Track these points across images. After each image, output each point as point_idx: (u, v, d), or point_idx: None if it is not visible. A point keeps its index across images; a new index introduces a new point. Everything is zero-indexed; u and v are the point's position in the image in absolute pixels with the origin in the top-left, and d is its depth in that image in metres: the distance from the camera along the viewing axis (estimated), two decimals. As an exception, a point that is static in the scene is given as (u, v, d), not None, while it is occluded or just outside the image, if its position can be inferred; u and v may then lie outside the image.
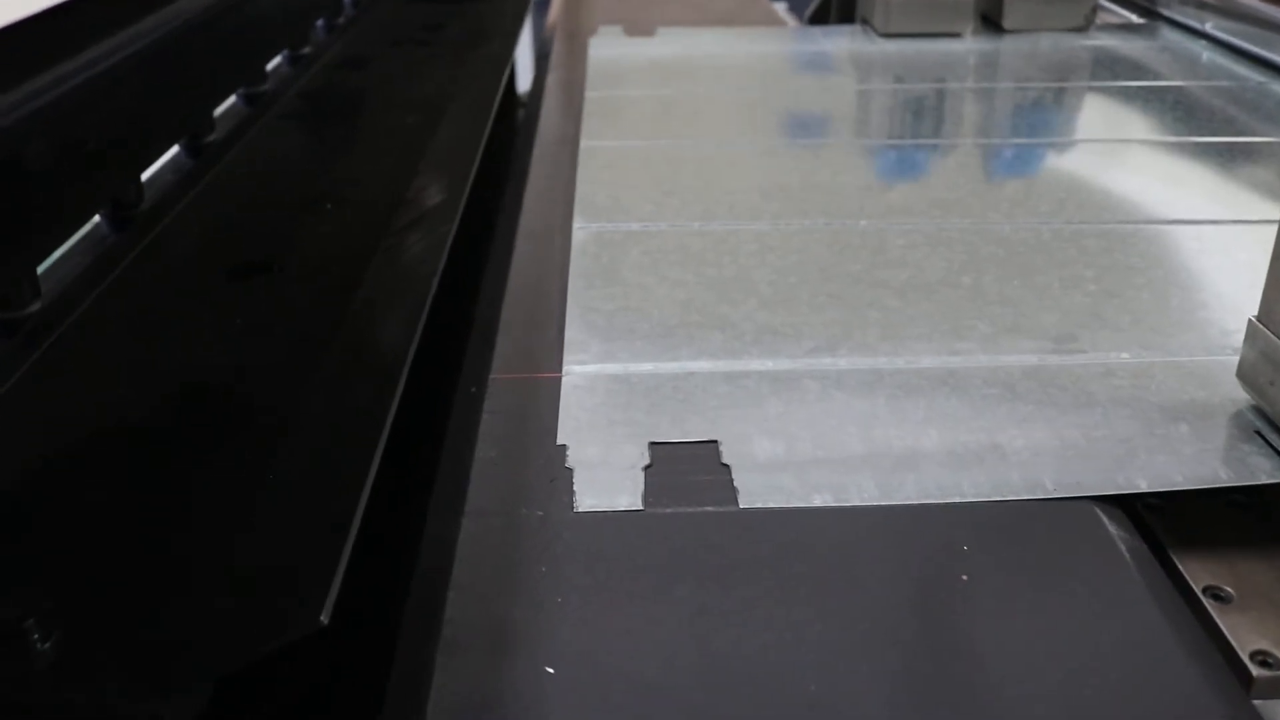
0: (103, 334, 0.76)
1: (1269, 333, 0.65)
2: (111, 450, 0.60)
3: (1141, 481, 0.65)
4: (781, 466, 0.66)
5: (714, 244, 0.98)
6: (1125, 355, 0.79)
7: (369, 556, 0.54)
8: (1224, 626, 0.58)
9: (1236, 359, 0.71)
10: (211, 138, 1.12)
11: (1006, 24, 1.64)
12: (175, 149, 1.08)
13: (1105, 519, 0.61)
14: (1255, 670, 0.55)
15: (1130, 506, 0.65)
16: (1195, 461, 0.66)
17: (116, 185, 0.93)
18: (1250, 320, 0.67)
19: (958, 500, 0.62)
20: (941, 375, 0.76)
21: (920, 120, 1.39)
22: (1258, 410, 0.68)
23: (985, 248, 0.97)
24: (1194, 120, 1.33)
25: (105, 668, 0.48)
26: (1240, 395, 0.70)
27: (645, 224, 1.03)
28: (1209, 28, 1.61)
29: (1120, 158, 1.25)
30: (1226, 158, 1.20)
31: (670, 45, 1.65)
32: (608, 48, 1.65)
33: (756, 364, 0.78)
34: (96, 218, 0.92)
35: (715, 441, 0.69)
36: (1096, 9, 1.68)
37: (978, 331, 0.83)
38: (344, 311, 0.76)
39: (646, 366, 0.78)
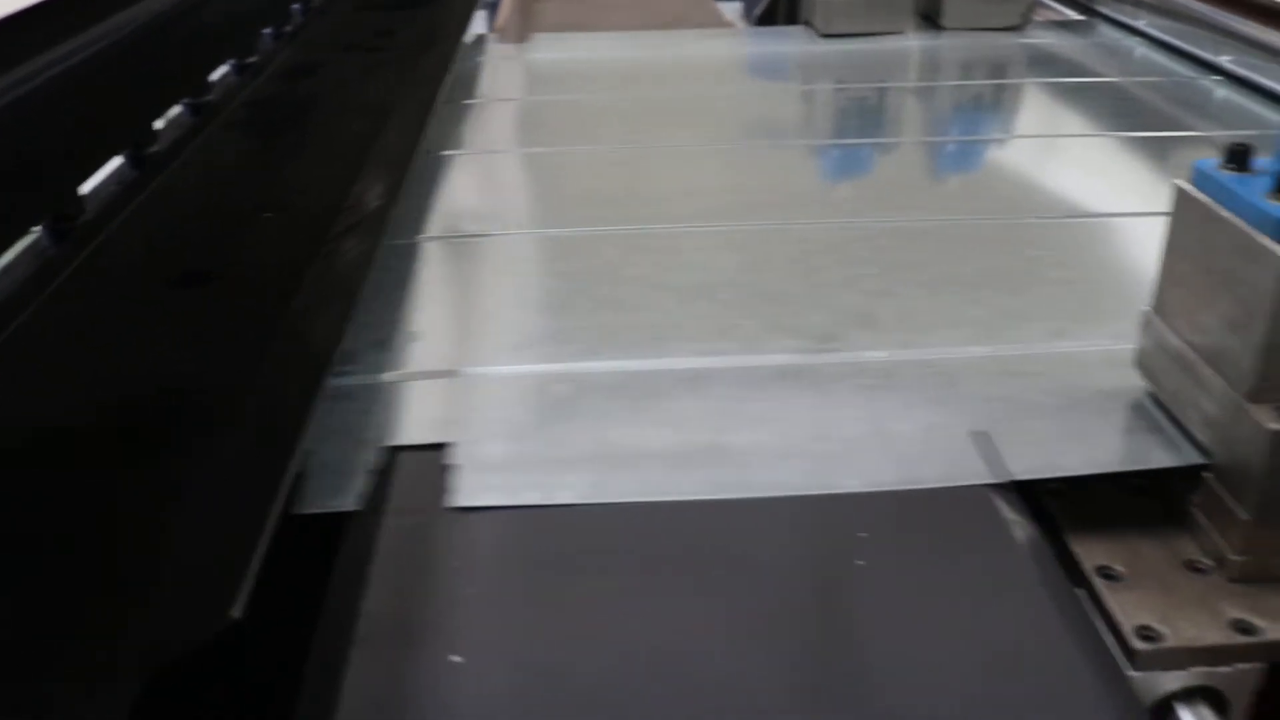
0: (39, 342, 0.77)
1: (1161, 323, 0.68)
2: (38, 453, 0.62)
3: (1027, 468, 0.67)
4: (507, 466, 0.68)
5: (534, 251, 1.00)
6: (1027, 346, 0.81)
7: (287, 555, 0.56)
8: (1112, 604, 0.60)
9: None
10: (155, 149, 1.14)
11: (945, 22, 1.67)
12: (119, 160, 1.09)
13: (1002, 505, 0.64)
14: (1138, 644, 0.58)
15: (1031, 493, 0.68)
16: (1092, 447, 0.69)
17: (56, 198, 0.94)
18: (1144, 311, 0.70)
19: (864, 490, 0.65)
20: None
21: (852, 119, 1.42)
22: (1154, 397, 0.70)
23: (899, 243, 1.00)
24: (1128, 115, 1.36)
25: (26, 668, 0.50)
26: (1141, 383, 0.73)
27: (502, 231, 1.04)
28: (1143, 25, 1.65)
29: (1056, 153, 1.28)
30: (1159, 151, 1.23)
31: (615, 49, 1.67)
32: (550, 51, 1.67)
33: (508, 369, 0.80)
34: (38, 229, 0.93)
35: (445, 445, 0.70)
36: (1034, 6, 1.71)
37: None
38: (275, 318, 0.78)
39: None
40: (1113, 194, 1.12)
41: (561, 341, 0.84)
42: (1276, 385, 0.60)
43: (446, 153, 1.24)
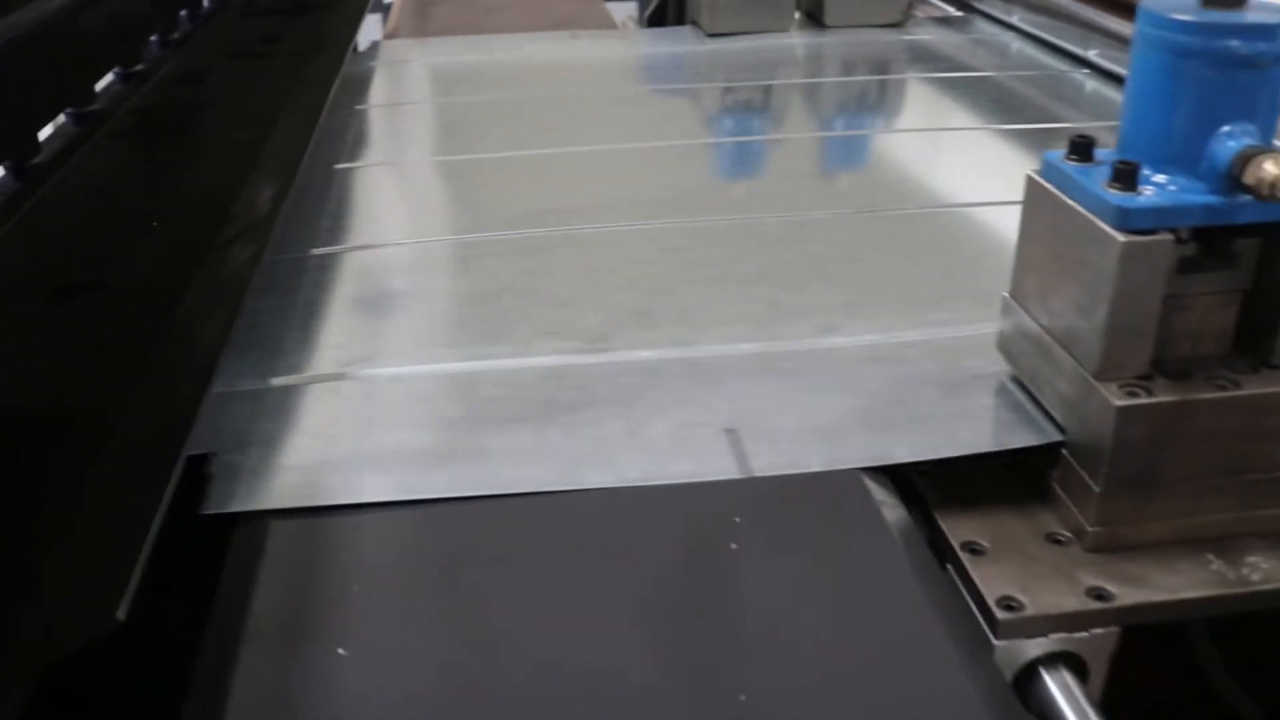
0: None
1: (1019, 307, 0.72)
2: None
3: (901, 452, 0.70)
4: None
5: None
6: (898, 333, 0.85)
7: (176, 557, 0.57)
8: (976, 577, 0.64)
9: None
10: (38, 159, 1.13)
11: (828, 20, 1.71)
12: (-1, 170, 1.08)
13: (872, 487, 0.67)
14: (1000, 614, 0.61)
15: (901, 475, 0.71)
16: (957, 429, 0.72)
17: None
18: (1004, 296, 0.73)
19: (738, 477, 0.67)
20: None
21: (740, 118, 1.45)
22: (1015, 379, 0.74)
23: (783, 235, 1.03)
24: (1004, 108, 1.41)
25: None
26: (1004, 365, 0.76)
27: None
28: (1016, 20, 1.70)
29: (938, 145, 1.32)
30: (1034, 143, 1.28)
31: (504, 53, 1.69)
32: (437, 55, 1.68)
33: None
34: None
35: None
36: (913, 4, 1.76)
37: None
38: (160, 325, 0.79)
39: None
40: (984, 184, 1.16)
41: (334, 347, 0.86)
42: (1121, 365, 0.63)
43: (340, 166, 1.25)
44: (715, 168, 1.27)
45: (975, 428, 0.72)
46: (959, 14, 1.85)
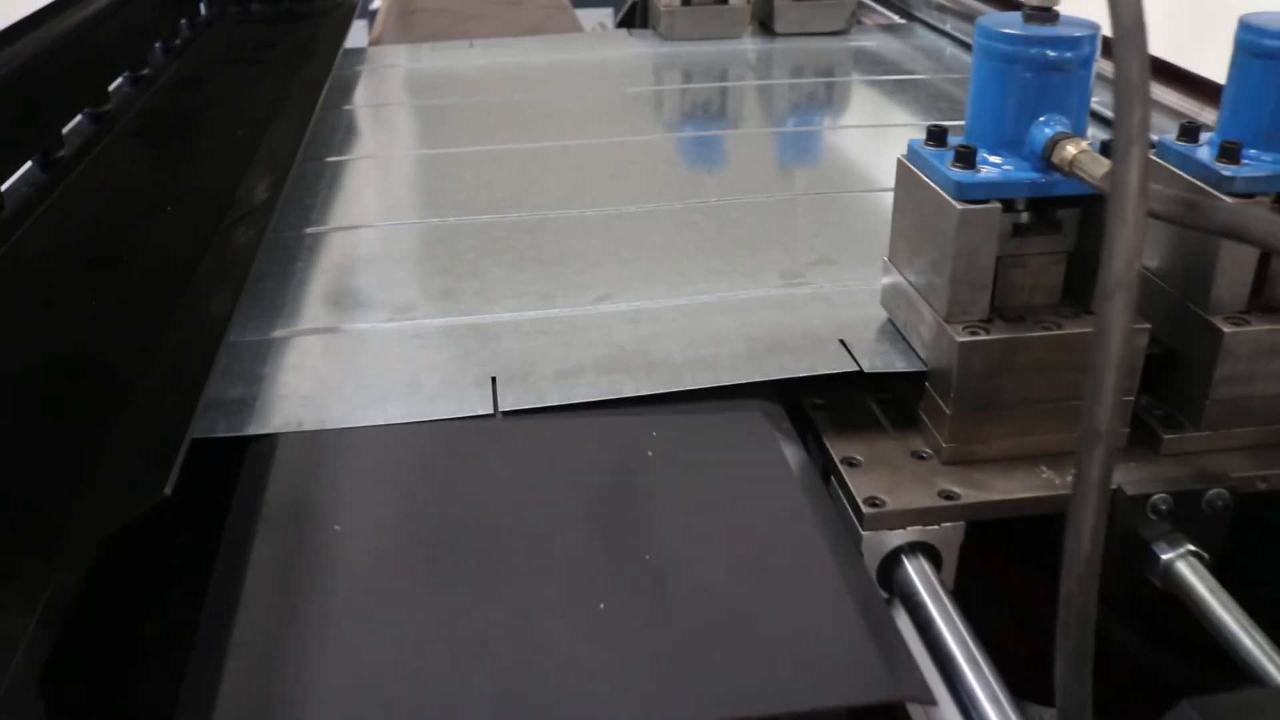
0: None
1: (895, 269, 0.87)
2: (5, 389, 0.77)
3: (805, 369, 0.85)
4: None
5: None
6: (832, 286, 1.00)
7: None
8: (850, 483, 0.78)
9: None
10: (61, 153, 1.27)
11: (778, 28, 1.86)
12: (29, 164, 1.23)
13: (765, 417, 0.82)
14: (866, 510, 0.76)
15: (798, 405, 0.86)
16: (842, 359, 0.87)
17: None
18: (884, 260, 0.88)
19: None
20: None
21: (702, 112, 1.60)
22: (894, 325, 0.89)
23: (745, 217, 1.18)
24: (939, 107, 1.56)
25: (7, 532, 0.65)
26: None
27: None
28: (950, 28, 1.85)
29: (878, 139, 1.48)
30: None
31: (482, 57, 1.83)
32: (421, 60, 1.82)
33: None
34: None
35: None
36: (856, 14, 1.91)
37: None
38: (180, 289, 0.94)
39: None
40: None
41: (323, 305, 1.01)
42: (966, 310, 0.78)
43: (331, 159, 1.39)
44: (673, 160, 1.42)
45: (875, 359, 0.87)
46: (901, 22, 2.01)
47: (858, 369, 0.85)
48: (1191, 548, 0.75)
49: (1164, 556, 0.75)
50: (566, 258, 1.09)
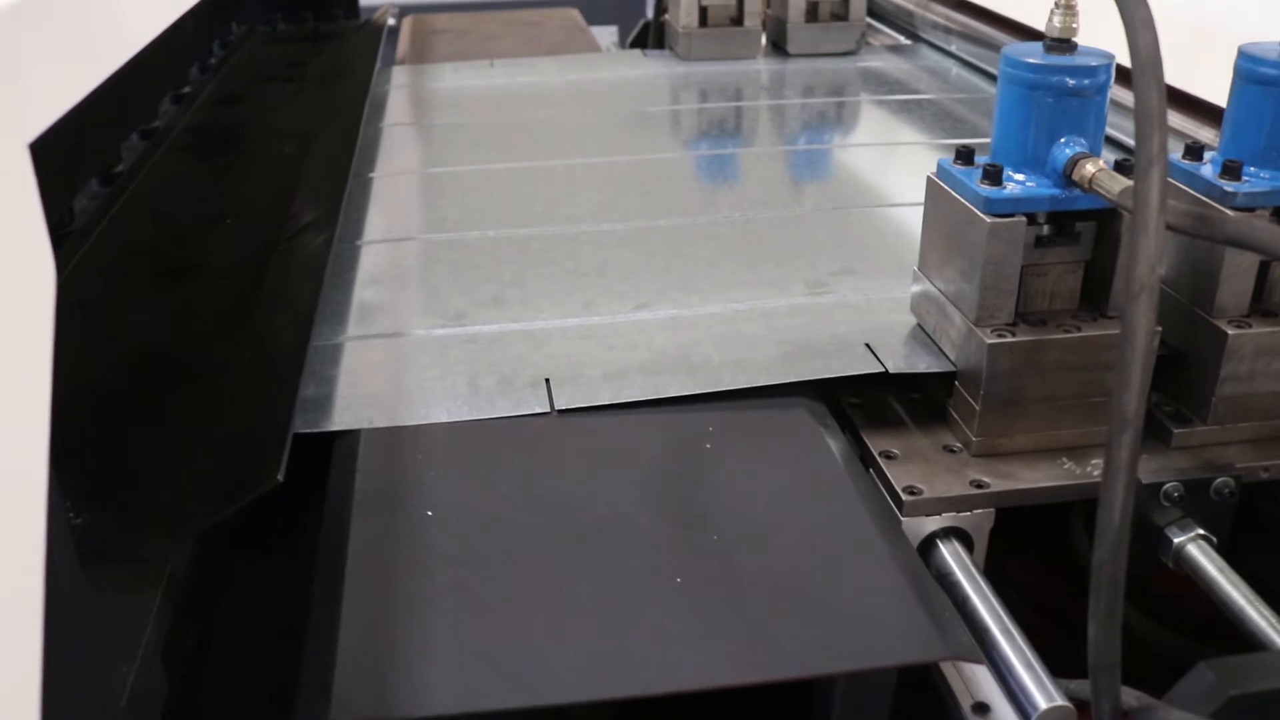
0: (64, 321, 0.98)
1: (925, 277, 0.94)
2: (110, 387, 0.84)
3: (835, 370, 0.92)
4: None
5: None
6: (855, 294, 1.07)
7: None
8: (889, 474, 0.85)
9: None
10: (119, 168, 1.34)
11: (791, 49, 1.93)
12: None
13: (810, 414, 0.89)
14: (905, 498, 0.83)
15: (835, 404, 0.93)
16: (868, 361, 0.94)
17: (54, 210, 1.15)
18: (914, 270, 0.96)
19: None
20: None
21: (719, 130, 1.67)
22: (923, 330, 0.96)
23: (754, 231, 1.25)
24: (945, 125, 1.63)
25: (125, 523, 0.72)
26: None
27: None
28: (955, 49, 1.93)
29: (888, 157, 1.55)
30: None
31: (504, 77, 1.90)
32: (447, 79, 1.89)
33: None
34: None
35: None
36: (865, 35, 1.99)
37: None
38: (254, 296, 1.00)
39: None
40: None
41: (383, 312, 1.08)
42: (993, 315, 0.85)
43: (371, 175, 1.45)
44: (694, 176, 1.49)
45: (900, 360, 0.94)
46: (908, 43, 2.09)
47: (884, 370, 0.92)
48: (1201, 531, 0.82)
49: (1176, 540, 0.82)
50: (603, 268, 1.16)
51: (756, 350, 0.97)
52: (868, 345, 0.96)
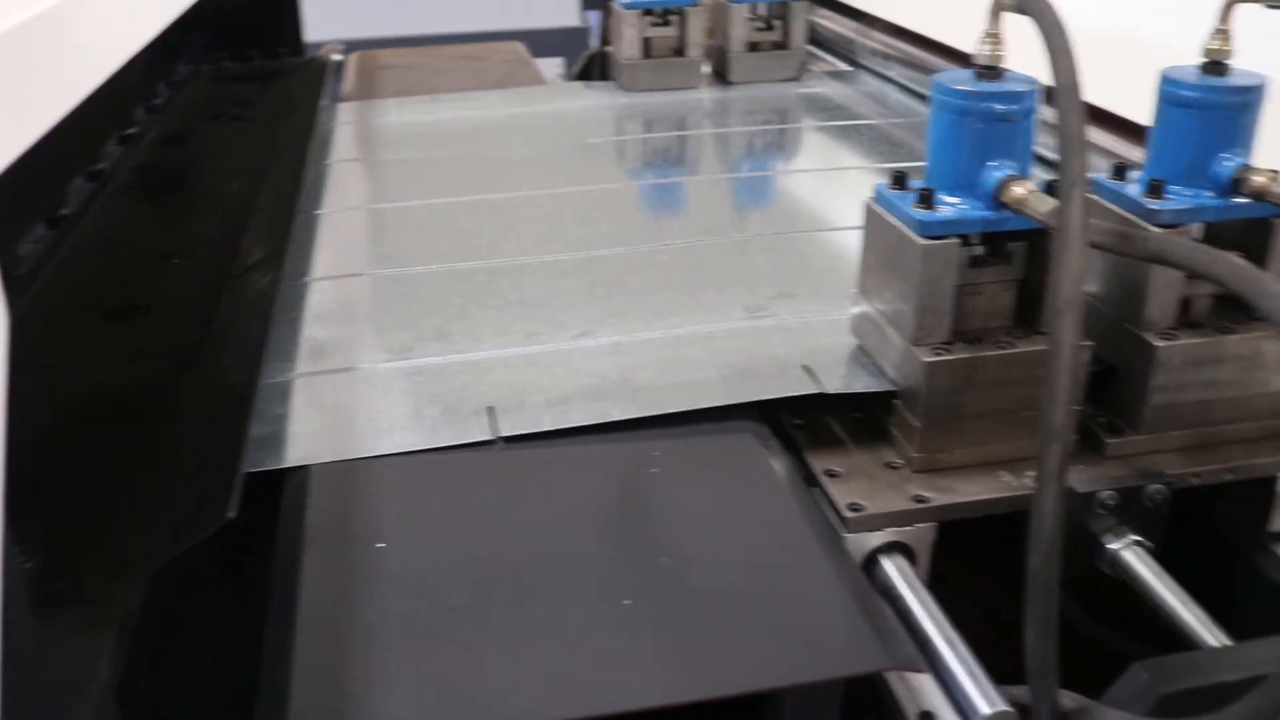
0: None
1: (864, 299, 0.96)
2: (55, 430, 0.84)
3: (774, 392, 0.94)
4: None
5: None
6: (793, 317, 1.09)
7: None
8: (832, 492, 0.87)
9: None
10: (65, 211, 1.34)
11: (733, 78, 1.96)
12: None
13: (753, 436, 0.90)
14: (848, 514, 0.84)
15: (778, 425, 0.95)
16: (806, 382, 0.96)
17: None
18: (854, 292, 0.98)
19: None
20: None
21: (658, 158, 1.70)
22: (863, 350, 0.98)
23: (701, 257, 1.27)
24: (884, 149, 1.66)
25: (77, 565, 0.72)
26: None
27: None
28: (895, 75, 1.97)
29: (831, 182, 1.58)
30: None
31: (451, 111, 1.91)
32: (393, 115, 1.90)
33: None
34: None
35: None
36: (806, 62, 2.02)
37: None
38: (203, 335, 1.01)
39: None
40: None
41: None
42: (930, 334, 0.87)
43: (317, 211, 1.46)
44: (637, 205, 1.51)
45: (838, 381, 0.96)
46: (848, 69, 2.12)
47: (822, 390, 0.94)
48: (1135, 537, 0.85)
49: (1111, 546, 0.85)
50: (546, 298, 1.17)
51: (698, 374, 0.99)
52: (805, 367, 0.98)
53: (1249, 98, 0.87)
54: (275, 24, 2.20)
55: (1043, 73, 0.80)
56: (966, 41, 0.89)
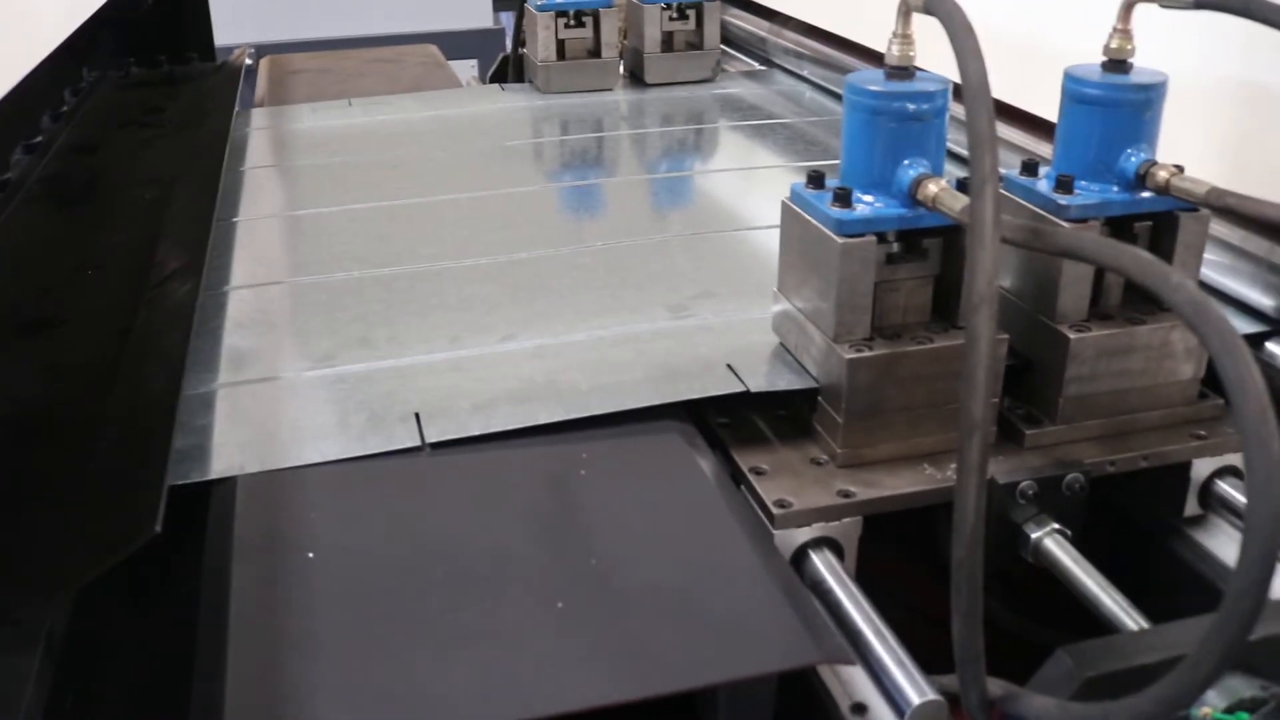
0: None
1: (784, 298, 0.97)
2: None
3: (699, 391, 0.95)
4: None
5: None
6: (715, 317, 1.10)
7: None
8: (760, 489, 0.88)
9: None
10: (-30, 222, 1.31)
11: (648, 79, 1.97)
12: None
13: (680, 436, 0.91)
14: (776, 511, 0.86)
15: (706, 423, 0.96)
16: (730, 381, 0.97)
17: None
18: (774, 291, 0.99)
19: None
20: None
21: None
22: (785, 349, 0.99)
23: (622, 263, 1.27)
24: (799, 148, 1.68)
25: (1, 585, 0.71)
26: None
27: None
28: (808, 74, 1.99)
29: (748, 181, 1.59)
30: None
31: (364, 115, 1.89)
32: (306, 120, 1.88)
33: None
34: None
35: None
36: (720, 63, 2.03)
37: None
38: (123, 346, 0.99)
39: None
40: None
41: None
42: (850, 330, 0.89)
43: (233, 219, 1.44)
44: (557, 208, 1.51)
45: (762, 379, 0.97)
46: (762, 69, 2.14)
47: (745, 389, 0.95)
48: (1056, 526, 0.87)
49: (1033, 535, 0.87)
50: (468, 303, 1.17)
51: (624, 375, 0.99)
52: (729, 366, 0.99)
53: (1150, 95, 0.90)
54: (184, 28, 2.17)
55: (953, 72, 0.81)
56: (879, 40, 0.90)
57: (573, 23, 1.91)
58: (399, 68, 2.27)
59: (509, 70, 2.28)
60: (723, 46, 2.10)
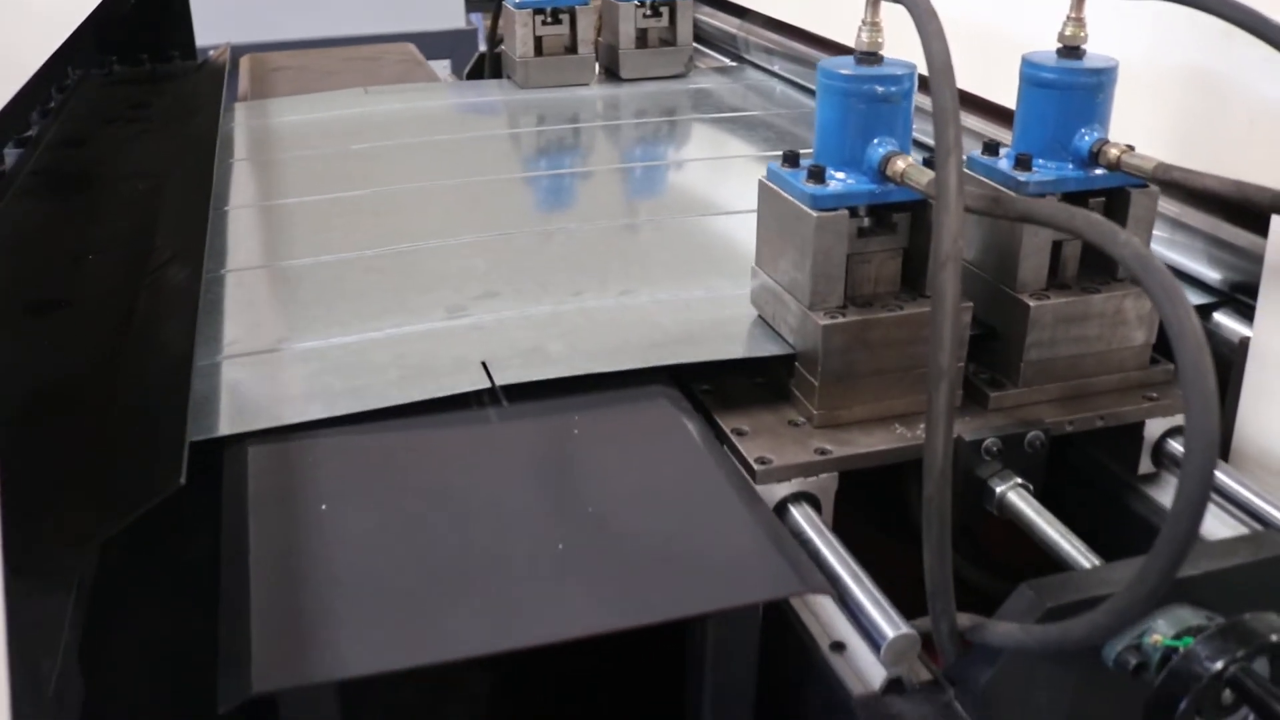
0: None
1: (762, 271, 1.03)
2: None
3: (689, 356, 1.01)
4: None
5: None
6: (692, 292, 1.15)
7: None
8: (742, 448, 0.94)
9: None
10: (-30, 212, 1.35)
11: (623, 74, 2.03)
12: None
13: (668, 400, 0.97)
14: (757, 467, 0.91)
15: (689, 390, 1.01)
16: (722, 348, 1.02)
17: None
18: (753, 266, 1.05)
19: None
20: None
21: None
22: (763, 320, 1.05)
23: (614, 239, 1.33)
24: (771, 140, 1.74)
25: (32, 535, 0.75)
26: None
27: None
28: (778, 69, 2.05)
29: (720, 171, 1.65)
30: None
31: (345, 109, 1.93)
32: (289, 114, 1.92)
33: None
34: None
35: None
36: (693, 59, 2.09)
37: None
38: (128, 326, 1.04)
39: None
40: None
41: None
42: (825, 299, 0.95)
43: (225, 208, 1.48)
44: (534, 197, 1.56)
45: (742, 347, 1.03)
46: (733, 65, 2.20)
47: (730, 356, 1.01)
48: (1019, 480, 0.93)
49: (998, 489, 0.93)
50: (457, 281, 1.21)
51: (615, 338, 1.04)
52: (712, 334, 1.04)
53: (1102, 78, 0.96)
54: (165, 27, 2.21)
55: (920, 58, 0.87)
56: (846, 35, 0.96)
57: (550, 20, 1.97)
58: (379, 65, 2.31)
59: (485, 68, 2.34)
60: (695, 44, 2.16)
